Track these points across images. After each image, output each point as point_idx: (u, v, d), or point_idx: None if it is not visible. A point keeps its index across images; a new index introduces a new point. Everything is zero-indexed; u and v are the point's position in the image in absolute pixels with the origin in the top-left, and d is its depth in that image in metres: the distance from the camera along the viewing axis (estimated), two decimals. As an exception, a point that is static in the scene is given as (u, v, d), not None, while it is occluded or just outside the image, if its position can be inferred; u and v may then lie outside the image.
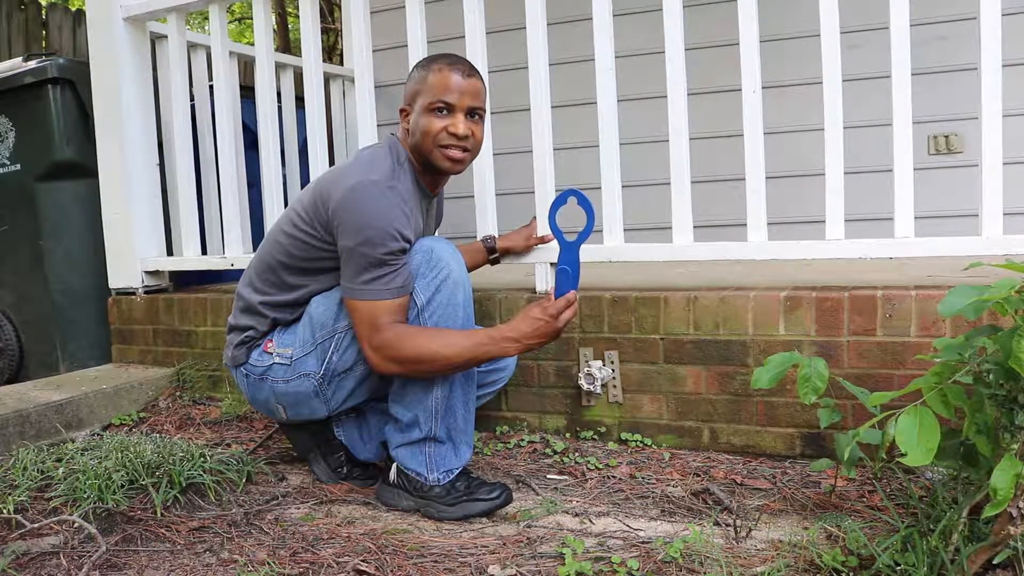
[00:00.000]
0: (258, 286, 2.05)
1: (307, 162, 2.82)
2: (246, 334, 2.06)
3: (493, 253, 2.40)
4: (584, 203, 1.87)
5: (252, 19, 2.92)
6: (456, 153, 1.91)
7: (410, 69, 2.02)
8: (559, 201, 1.94)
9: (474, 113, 1.93)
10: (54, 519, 1.82)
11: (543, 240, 2.39)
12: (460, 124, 1.89)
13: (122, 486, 1.92)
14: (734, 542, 1.69)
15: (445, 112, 1.89)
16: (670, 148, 2.26)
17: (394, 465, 1.99)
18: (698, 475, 2.09)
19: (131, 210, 3.07)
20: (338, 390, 2.01)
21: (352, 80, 2.70)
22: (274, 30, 7.85)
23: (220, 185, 3.01)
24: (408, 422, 1.93)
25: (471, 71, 1.93)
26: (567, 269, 1.88)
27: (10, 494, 1.91)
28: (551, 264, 2.41)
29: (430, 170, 1.98)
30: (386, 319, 1.83)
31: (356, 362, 1.97)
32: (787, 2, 3.49)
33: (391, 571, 1.61)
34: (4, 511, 1.84)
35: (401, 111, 1.98)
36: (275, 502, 2.03)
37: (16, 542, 1.74)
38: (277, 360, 2.01)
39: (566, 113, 3.37)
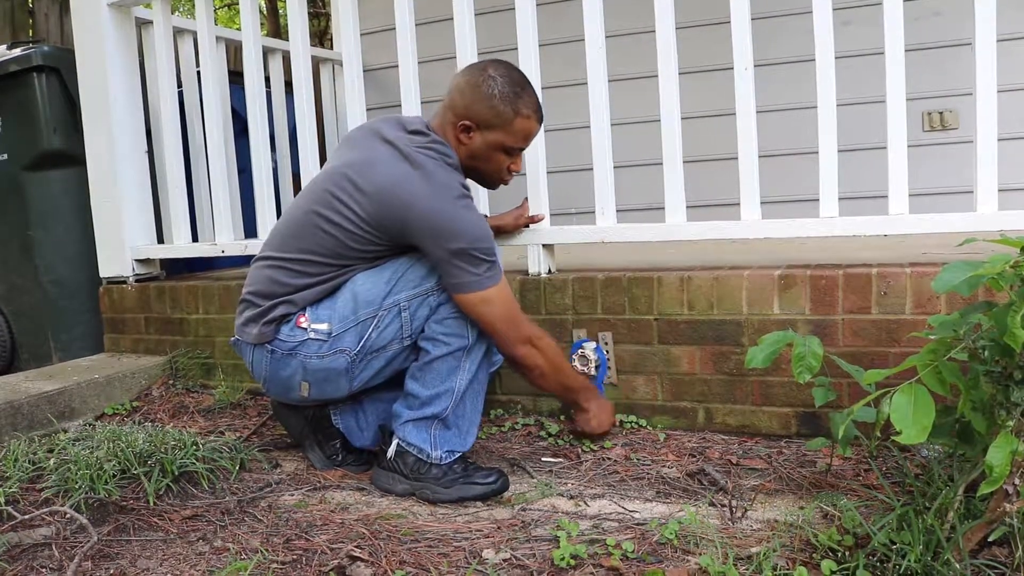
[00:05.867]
0: (299, 270, 1.98)
1: (297, 147, 2.80)
2: (278, 311, 1.99)
3: None
4: (598, 351, 2.30)
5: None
6: (508, 181, 2.12)
7: (477, 78, 1.96)
8: (576, 346, 2.31)
9: None
10: (45, 510, 1.81)
11: (533, 220, 2.38)
12: (521, 163, 2.10)
13: (114, 476, 1.91)
14: (730, 523, 1.69)
15: (515, 153, 2.04)
16: (662, 127, 2.24)
17: (393, 444, 1.99)
18: (693, 456, 2.09)
19: (120, 198, 3.04)
20: (366, 369, 1.99)
21: (342, 64, 2.67)
22: (263, 14, 7.79)
23: (210, 172, 2.98)
24: (424, 399, 1.95)
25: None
26: None
27: (1, 485, 1.90)
28: (543, 246, 2.40)
29: (469, 177, 2.09)
30: (515, 303, 1.98)
31: (391, 341, 1.97)
32: (779, -21, 3.46)
33: (385, 557, 1.60)
34: (-5, 503, 1.83)
35: (463, 125, 1.96)
36: (268, 489, 2.02)
37: (7, 534, 1.73)
38: (312, 336, 1.96)
39: (557, 93, 3.34)
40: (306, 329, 1.98)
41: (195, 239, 3.12)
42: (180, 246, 3.05)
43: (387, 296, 1.95)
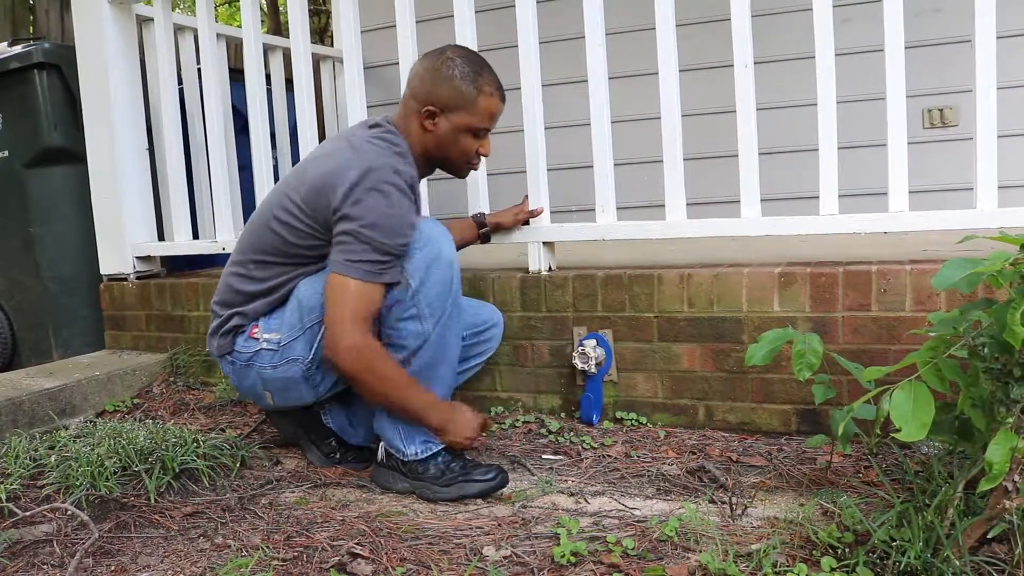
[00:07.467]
0: (250, 274, 1.99)
1: (298, 145, 2.80)
2: (232, 322, 2.02)
3: (483, 228, 2.38)
4: (603, 343, 2.28)
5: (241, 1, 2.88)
6: (478, 166, 2.07)
7: (436, 62, 1.93)
8: (579, 344, 2.30)
9: None
10: (47, 507, 1.82)
11: (533, 214, 2.38)
12: (488, 145, 2.02)
13: (115, 473, 1.91)
14: (730, 520, 1.69)
15: (481, 135, 1.99)
16: (662, 124, 2.24)
17: (381, 444, 1.99)
18: (693, 453, 2.09)
19: (121, 195, 3.04)
20: (327, 375, 1.98)
21: (342, 61, 2.66)
22: (263, 12, 7.78)
23: (210, 169, 2.98)
24: None
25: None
26: (590, 396, 2.30)
27: (2, 482, 1.90)
28: (544, 243, 2.40)
29: (435, 168, 2.05)
30: (373, 308, 1.82)
31: None
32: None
33: (385, 554, 1.60)
34: (-4, 499, 1.84)
35: (427, 111, 1.93)
36: (269, 486, 2.02)
37: (8, 530, 1.73)
38: (264, 346, 1.98)
39: (557, 90, 3.34)
40: (259, 339, 1.99)
41: (196, 236, 3.12)
42: (181, 243, 3.06)
43: None
